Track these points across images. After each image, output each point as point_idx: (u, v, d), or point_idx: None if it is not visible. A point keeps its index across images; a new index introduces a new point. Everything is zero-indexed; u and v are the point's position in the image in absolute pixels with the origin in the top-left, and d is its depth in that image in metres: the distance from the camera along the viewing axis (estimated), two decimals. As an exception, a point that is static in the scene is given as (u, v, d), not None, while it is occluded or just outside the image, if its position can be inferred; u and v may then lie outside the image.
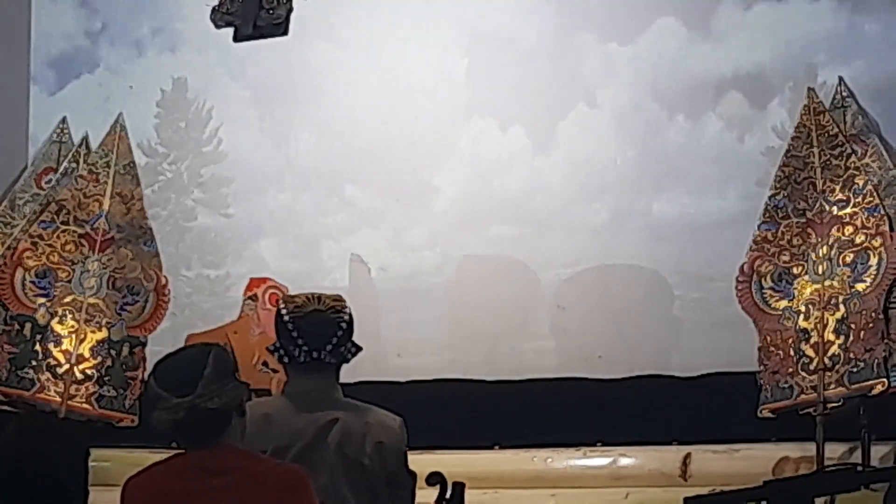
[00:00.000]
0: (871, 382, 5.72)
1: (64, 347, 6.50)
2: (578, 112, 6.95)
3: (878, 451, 5.76)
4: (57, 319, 6.52)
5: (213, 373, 3.43)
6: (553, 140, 6.98)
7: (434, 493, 3.91)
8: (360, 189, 7.22)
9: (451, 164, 7.12)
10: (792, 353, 5.96)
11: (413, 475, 3.98)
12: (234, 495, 3.39)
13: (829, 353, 5.86)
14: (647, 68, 6.88)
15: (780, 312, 6.06)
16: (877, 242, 5.90)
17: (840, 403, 5.80)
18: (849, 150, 6.09)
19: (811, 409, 5.84)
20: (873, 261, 5.88)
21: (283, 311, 4.01)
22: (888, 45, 6.53)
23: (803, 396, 5.89)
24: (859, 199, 5.99)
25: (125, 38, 7.64)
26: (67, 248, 6.63)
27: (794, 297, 6.05)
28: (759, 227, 6.17)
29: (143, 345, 6.61)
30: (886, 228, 5.90)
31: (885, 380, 5.69)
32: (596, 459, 6.42)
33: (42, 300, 6.54)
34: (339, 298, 4.07)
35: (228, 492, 3.39)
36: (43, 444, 3.53)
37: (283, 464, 3.64)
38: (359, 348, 4.02)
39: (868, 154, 6.13)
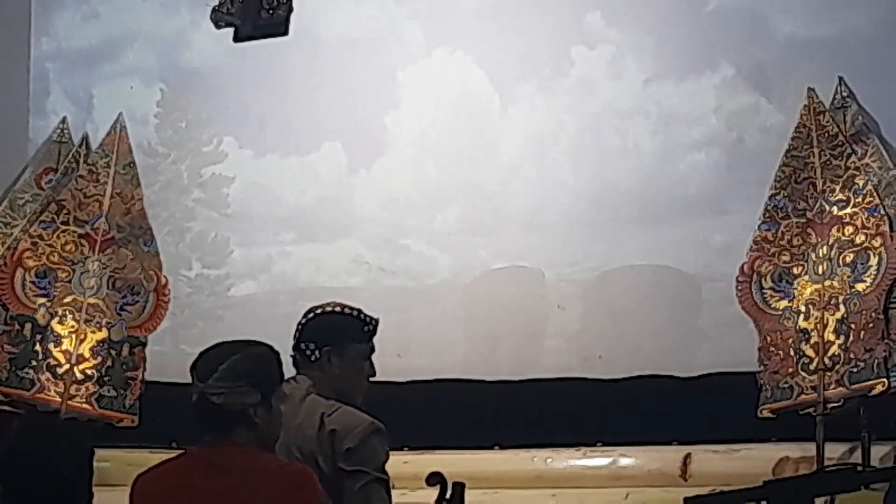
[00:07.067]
0: (871, 382, 5.71)
1: (64, 347, 6.49)
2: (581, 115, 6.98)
3: (878, 451, 5.75)
4: (57, 319, 6.52)
5: (228, 370, 3.42)
6: (555, 142, 6.99)
7: (434, 493, 3.90)
8: (360, 189, 7.22)
9: (451, 164, 7.12)
10: (792, 353, 5.96)
11: (382, 480, 3.96)
12: (240, 494, 3.38)
13: (829, 353, 5.86)
14: (647, 68, 6.89)
15: (780, 312, 6.05)
16: (877, 242, 5.90)
17: (840, 403, 5.79)
18: (849, 150, 6.09)
19: (811, 409, 5.83)
20: (873, 261, 5.88)
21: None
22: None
23: (803, 396, 5.88)
24: (859, 199, 5.98)
25: (125, 38, 7.64)
26: (67, 248, 6.63)
27: (794, 297, 6.04)
28: (759, 227, 6.16)
29: (143, 345, 6.61)
30: (886, 228, 5.89)
31: (885, 380, 5.68)
32: (596, 459, 6.42)
33: (42, 300, 6.54)
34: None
35: (235, 490, 3.38)
36: (47, 444, 3.52)
37: (291, 463, 3.63)
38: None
39: (868, 154, 6.12)
